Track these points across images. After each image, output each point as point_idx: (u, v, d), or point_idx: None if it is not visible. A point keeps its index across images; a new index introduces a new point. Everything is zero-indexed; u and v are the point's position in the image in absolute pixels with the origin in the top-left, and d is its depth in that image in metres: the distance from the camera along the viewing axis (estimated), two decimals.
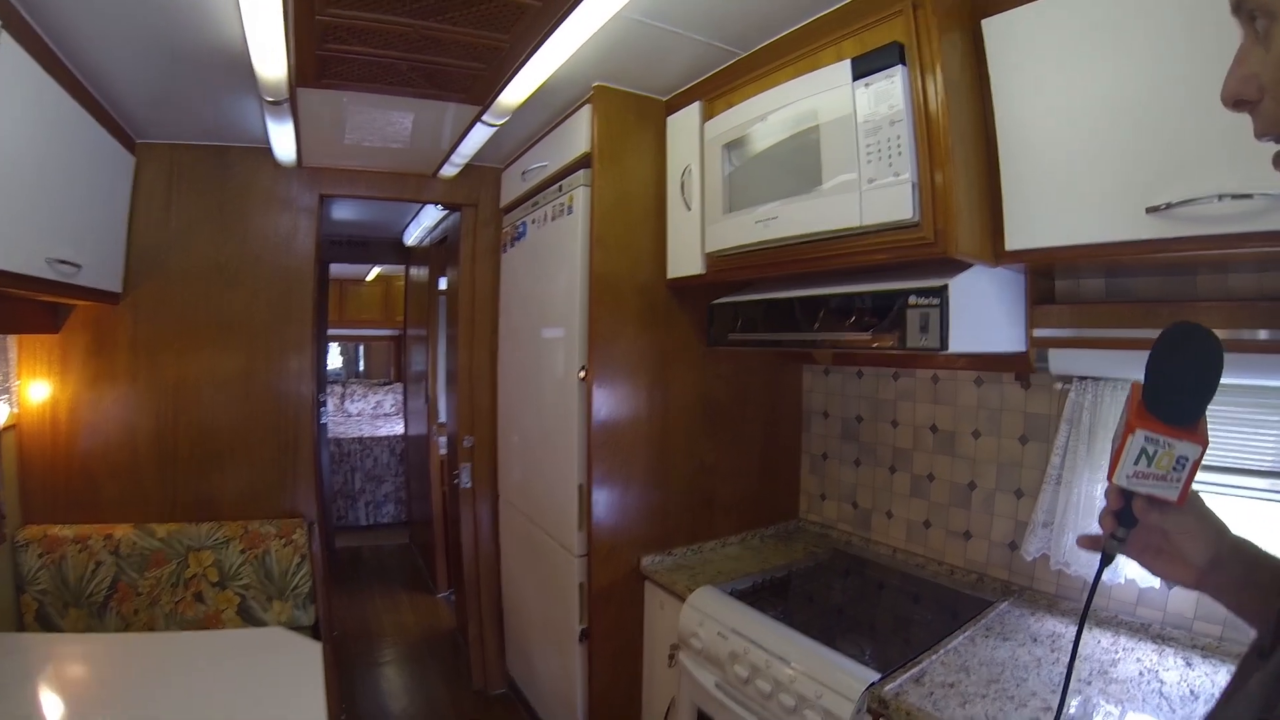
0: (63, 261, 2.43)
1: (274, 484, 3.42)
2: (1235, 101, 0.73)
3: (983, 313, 1.84)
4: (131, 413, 3.28)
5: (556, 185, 2.87)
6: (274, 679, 2.21)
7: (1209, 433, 0.86)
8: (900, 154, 1.68)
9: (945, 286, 1.67)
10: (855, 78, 1.78)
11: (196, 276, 3.33)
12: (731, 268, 2.37)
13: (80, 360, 3.21)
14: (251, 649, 2.47)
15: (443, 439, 4.78)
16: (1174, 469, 0.86)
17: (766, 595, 2.42)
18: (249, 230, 3.38)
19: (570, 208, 2.71)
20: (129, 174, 3.14)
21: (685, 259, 2.56)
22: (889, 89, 1.70)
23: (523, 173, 3.19)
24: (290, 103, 2.52)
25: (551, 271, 2.90)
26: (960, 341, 1.70)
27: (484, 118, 2.68)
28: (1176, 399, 0.85)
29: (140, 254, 3.24)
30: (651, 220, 2.67)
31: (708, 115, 2.41)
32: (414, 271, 6.24)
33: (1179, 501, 0.87)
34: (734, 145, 2.24)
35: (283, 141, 2.99)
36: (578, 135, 2.65)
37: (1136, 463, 0.88)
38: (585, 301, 2.61)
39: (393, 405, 8.52)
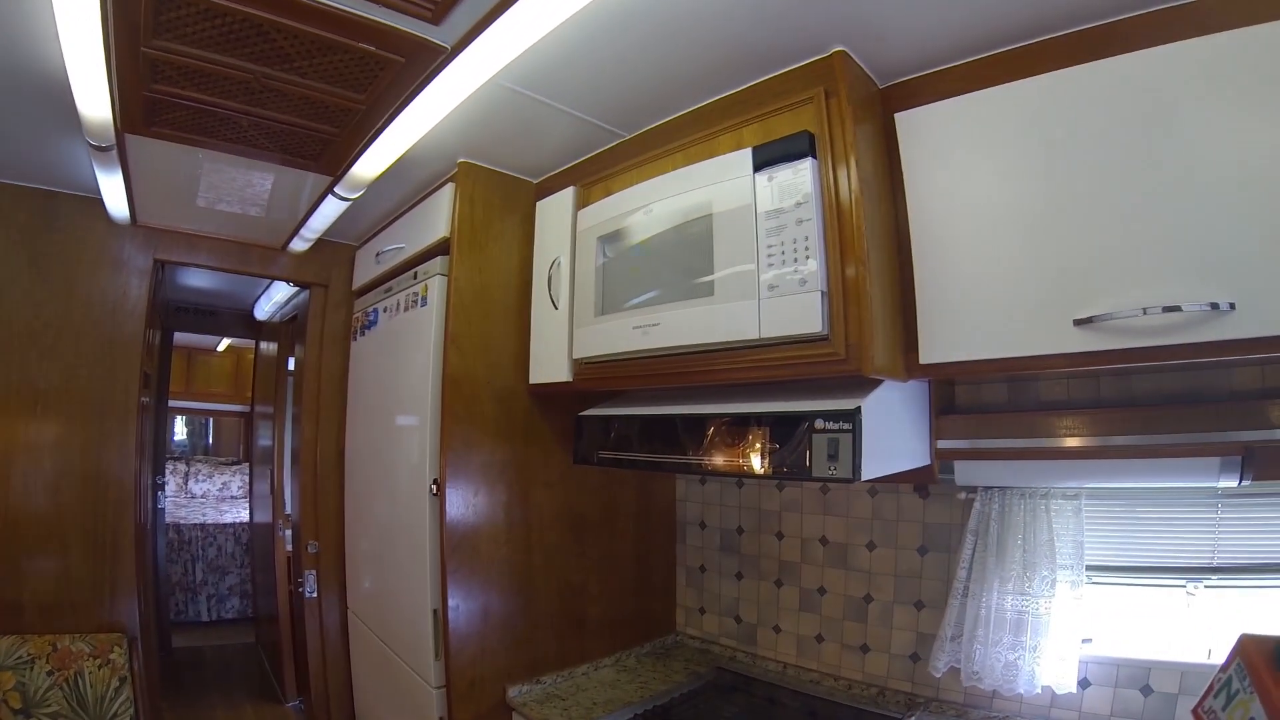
0: None
1: (89, 588, 2.92)
2: None
3: (893, 432, 1.67)
4: None
5: (411, 272, 2.63)
6: None
7: None
8: (808, 256, 1.51)
9: (858, 409, 1.47)
10: (757, 168, 1.61)
11: (6, 338, 2.84)
12: (603, 377, 2.15)
13: None
14: None
15: (289, 532, 4.34)
16: None
17: None
18: (73, 290, 2.94)
19: (424, 299, 2.46)
20: None
21: (550, 364, 2.34)
22: (796, 183, 1.54)
23: (377, 254, 2.93)
24: (118, 150, 2.18)
25: (403, 370, 2.65)
26: (872, 468, 1.50)
27: (336, 190, 2.40)
28: None
29: None
30: (514, 318, 2.45)
31: (582, 202, 2.22)
32: (264, 346, 5.79)
33: None
34: (611, 238, 2.04)
35: (113, 195, 2.61)
36: (437, 217, 2.42)
37: None
38: (437, 408, 2.36)
39: (240, 487, 7.90)
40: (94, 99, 1.81)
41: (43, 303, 2.89)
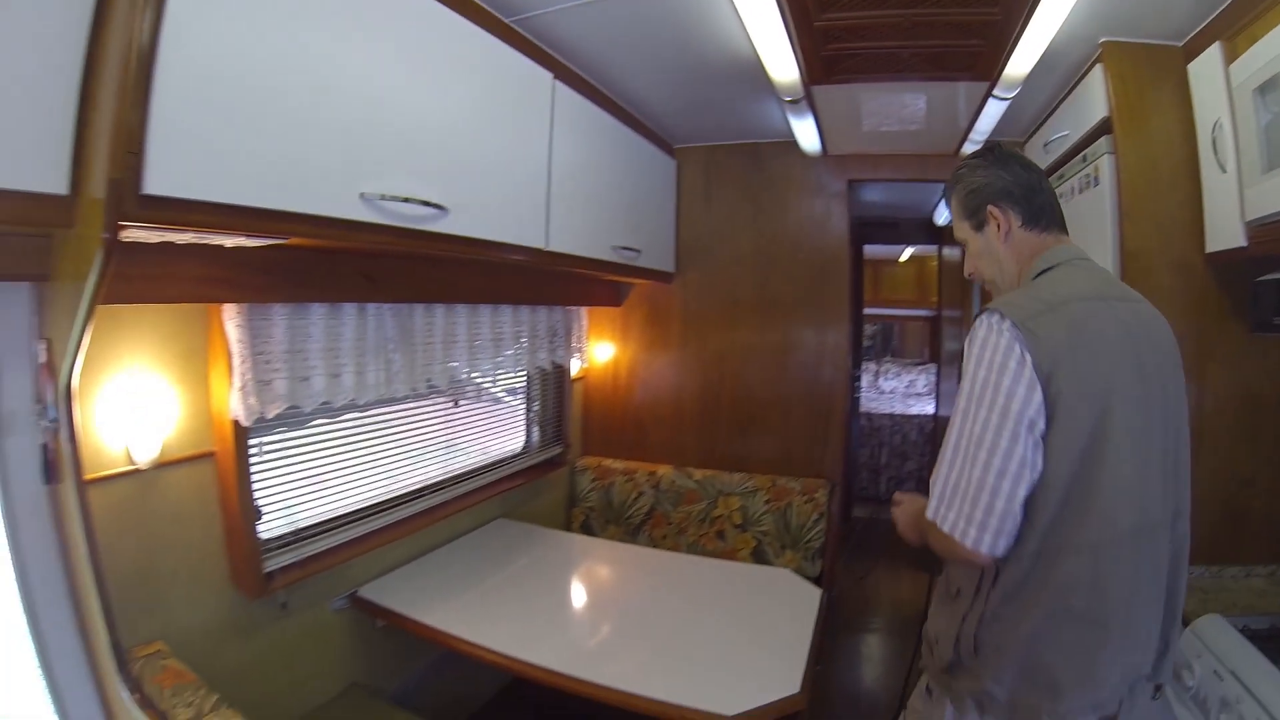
0: (624, 248, 3.06)
1: (803, 447, 3.75)
2: (969, 276, 1.73)
3: None
4: (679, 375, 3.94)
5: (1080, 155, 2.65)
6: (769, 612, 2.51)
7: None
8: None
9: None
10: None
11: (737, 259, 3.82)
12: (1276, 239, 1.93)
13: (638, 329, 3.99)
14: (757, 582, 2.82)
15: None
16: None
17: None
18: (783, 216, 3.76)
19: (1096, 179, 2.48)
20: (672, 174, 3.76)
21: (1223, 230, 2.15)
22: None
23: (1044, 144, 3.00)
24: (807, 100, 2.76)
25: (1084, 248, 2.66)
26: None
27: (994, 92, 2.60)
28: None
29: (688, 240, 3.86)
30: (1181, 187, 2.29)
31: (1230, 57, 2.00)
32: (946, 251, 6.09)
33: None
34: (1268, 88, 1.83)
35: (806, 135, 3.25)
36: (1092, 100, 2.44)
37: None
38: None
39: (925, 385, 8.48)
40: (783, 68, 2.43)
41: (763, 229, 3.78)
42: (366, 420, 2.72)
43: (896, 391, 8.51)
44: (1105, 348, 1.36)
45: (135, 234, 1.34)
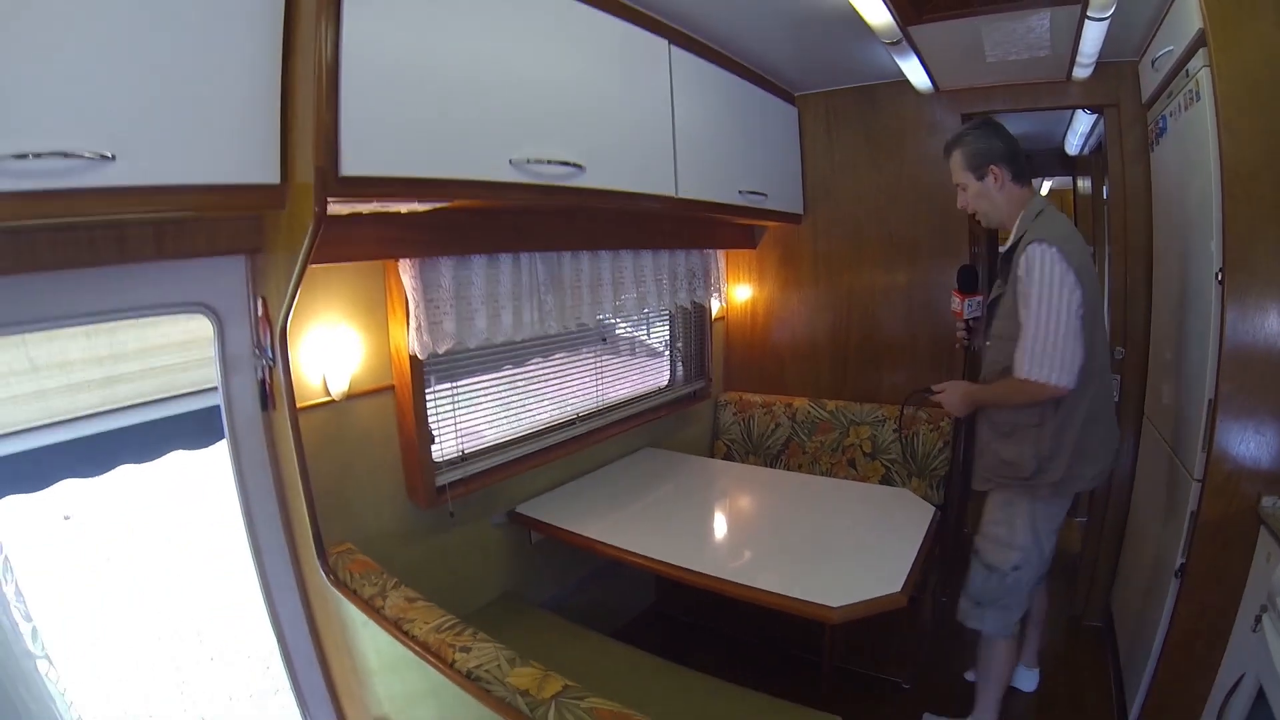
0: (751, 192, 3.33)
1: (930, 379, 3.67)
2: (961, 208, 2.76)
3: None
4: (812, 312, 4.16)
5: (1183, 71, 2.61)
6: (887, 525, 2.83)
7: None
8: None
9: None
10: None
11: (861, 199, 3.97)
12: None
13: (773, 270, 4.24)
14: (879, 500, 3.16)
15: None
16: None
17: None
18: (903, 155, 3.86)
19: (1197, 94, 2.45)
20: (794, 121, 3.95)
21: None
22: None
23: (1153, 61, 2.96)
24: (907, 40, 2.88)
25: (1188, 167, 2.65)
26: None
27: (1088, 14, 2.60)
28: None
29: (813, 183, 4.04)
30: None
31: None
32: (1080, 183, 5.93)
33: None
34: None
35: (914, 73, 3.35)
36: (1188, 12, 2.41)
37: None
38: (1218, 200, 2.28)
39: None
40: (875, 13, 2.58)
41: (884, 169, 3.90)
42: (521, 374, 3.14)
43: None
44: (1090, 263, 2.36)
45: (333, 208, 1.69)
